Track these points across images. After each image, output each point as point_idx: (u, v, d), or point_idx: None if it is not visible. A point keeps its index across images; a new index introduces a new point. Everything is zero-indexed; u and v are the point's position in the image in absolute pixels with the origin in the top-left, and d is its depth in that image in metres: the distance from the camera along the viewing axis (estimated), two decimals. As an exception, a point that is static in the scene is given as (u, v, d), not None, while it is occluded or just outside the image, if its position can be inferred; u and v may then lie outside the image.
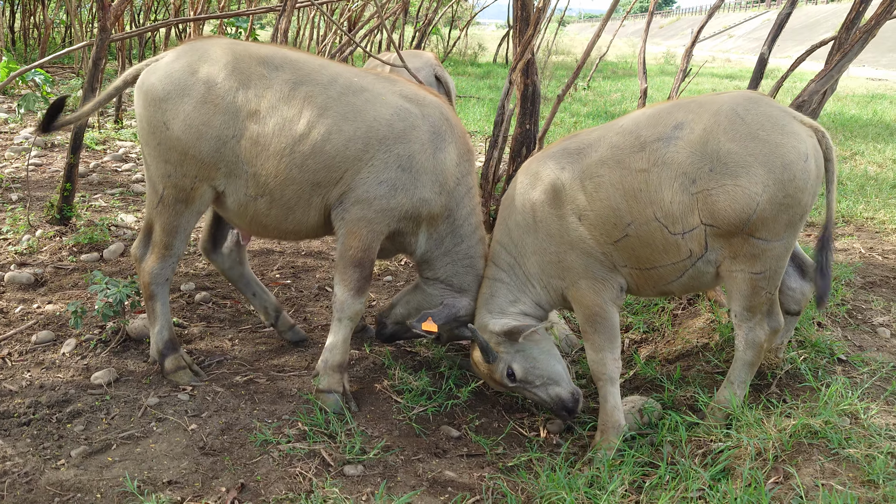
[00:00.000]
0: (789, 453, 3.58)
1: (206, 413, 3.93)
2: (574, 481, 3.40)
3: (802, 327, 4.80)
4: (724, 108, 3.77)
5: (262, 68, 3.99)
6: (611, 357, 4.00)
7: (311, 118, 3.92)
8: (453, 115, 4.24)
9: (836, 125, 13.69)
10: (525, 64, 5.01)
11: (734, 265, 3.80)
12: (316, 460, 3.58)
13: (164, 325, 4.28)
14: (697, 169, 3.71)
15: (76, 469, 3.41)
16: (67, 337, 4.62)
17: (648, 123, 3.91)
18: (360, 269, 4.04)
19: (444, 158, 4.12)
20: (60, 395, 3.99)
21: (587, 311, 4.00)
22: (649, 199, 3.76)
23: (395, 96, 4.09)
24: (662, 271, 3.94)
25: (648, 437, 4.06)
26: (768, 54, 5.38)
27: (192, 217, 4.13)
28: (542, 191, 4.01)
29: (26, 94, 10.08)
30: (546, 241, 4.03)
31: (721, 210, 3.68)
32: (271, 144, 3.93)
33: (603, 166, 3.85)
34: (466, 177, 4.26)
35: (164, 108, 3.93)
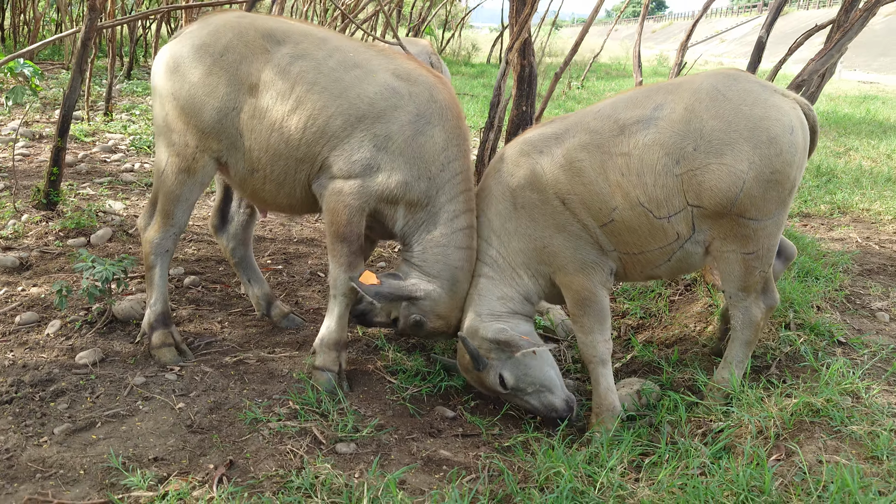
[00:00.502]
0: (791, 431, 3.51)
1: (194, 392, 3.83)
2: (572, 459, 3.31)
3: (802, 310, 4.74)
4: (704, 85, 3.71)
5: (265, 42, 3.99)
6: (601, 339, 3.92)
7: (300, 93, 3.89)
8: (446, 97, 4.07)
9: (829, 123, 13.70)
10: (522, 44, 4.94)
11: (725, 246, 3.71)
12: (307, 438, 3.49)
13: (158, 297, 4.22)
14: (681, 149, 3.61)
15: (59, 446, 3.30)
16: (52, 318, 4.51)
17: (627, 106, 3.83)
18: (347, 244, 3.93)
19: (424, 142, 3.93)
20: (44, 374, 3.88)
21: (576, 294, 3.90)
22: (632, 184, 3.68)
23: (386, 74, 3.98)
24: (650, 256, 3.87)
25: (647, 417, 3.98)
26: (766, 38, 5.32)
27: (195, 188, 4.12)
28: (522, 176, 3.91)
29: (15, 87, 9.87)
30: (530, 226, 3.92)
31: (707, 190, 3.59)
32: (265, 118, 3.93)
33: (583, 151, 3.77)
34: (453, 162, 4.02)
35: (173, 78, 4.02)
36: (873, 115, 14.87)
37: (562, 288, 3.98)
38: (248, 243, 4.80)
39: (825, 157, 10.10)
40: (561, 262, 3.89)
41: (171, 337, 4.20)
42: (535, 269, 4.00)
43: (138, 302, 4.67)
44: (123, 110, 12.16)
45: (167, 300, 4.28)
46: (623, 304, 5.65)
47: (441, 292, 3.99)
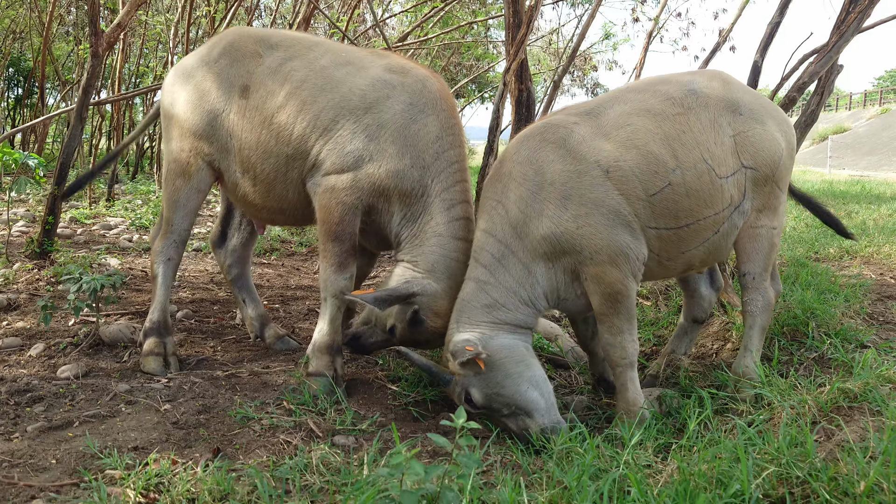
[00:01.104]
0: (828, 417, 3.23)
1: (182, 398, 3.56)
2: (592, 441, 3.01)
3: (825, 321, 4.53)
4: (718, 72, 4.01)
5: (259, 46, 4.05)
6: (630, 339, 3.59)
7: (290, 89, 3.88)
8: (441, 89, 4.00)
9: (826, 195, 13.80)
10: (518, 66, 4.98)
11: (759, 220, 3.82)
12: (302, 431, 3.19)
13: (157, 306, 4.13)
14: (730, 112, 3.76)
15: (31, 441, 3.02)
16: (36, 342, 4.28)
17: (661, 82, 3.89)
18: (339, 243, 3.78)
19: (418, 130, 3.81)
20: (22, 385, 3.62)
21: (608, 288, 3.49)
22: (695, 141, 3.63)
23: (378, 68, 3.96)
24: (700, 226, 3.67)
25: (671, 419, 3.68)
26: (761, 62, 5.38)
27: (192, 194, 4.09)
28: (552, 150, 3.57)
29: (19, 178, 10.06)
30: (559, 206, 3.48)
31: (760, 151, 3.76)
32: (255, 116, 3.92)
33: (632, 116, 3.63)
34: (448, 151, 3.89)
35: (174, 89, 4.15)
36: (868, 190, 15.00)
37: (590, 282, 3.52)
38: (245, 262, 4.68)
39: (827, 218, 10.07)
40: (594, 246, 3.45)
41: (161, 346, 4.00)
42: (557, 262, 3.54)
43: (126, 326, 4.46)
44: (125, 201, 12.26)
45: (166, 310, 4.15)
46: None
47: (437, 287, 3.72)
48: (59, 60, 16.23)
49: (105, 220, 10.37)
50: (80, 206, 10.95)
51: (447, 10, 10.78)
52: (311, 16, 8.77)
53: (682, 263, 3.85)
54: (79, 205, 11.20)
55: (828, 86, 5.08)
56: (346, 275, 3.81)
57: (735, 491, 2.44)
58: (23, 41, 16.71)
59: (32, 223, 9.60)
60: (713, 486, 2.53)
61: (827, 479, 2.51)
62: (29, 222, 9.61)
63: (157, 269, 4.13)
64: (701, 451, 2.87)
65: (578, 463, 2.74)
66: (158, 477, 2.60)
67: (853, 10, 4.43)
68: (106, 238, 8.72)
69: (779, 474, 2.60)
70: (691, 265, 3.93)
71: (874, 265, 7.02)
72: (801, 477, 2.57)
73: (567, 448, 2.97)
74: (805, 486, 2.54)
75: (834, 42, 4.51)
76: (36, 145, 14.80)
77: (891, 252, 7.35)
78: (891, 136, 39.50)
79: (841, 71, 5.21)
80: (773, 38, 5.35)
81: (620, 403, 3.64)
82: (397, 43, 10.15)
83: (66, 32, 16.25)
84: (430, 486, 1.94)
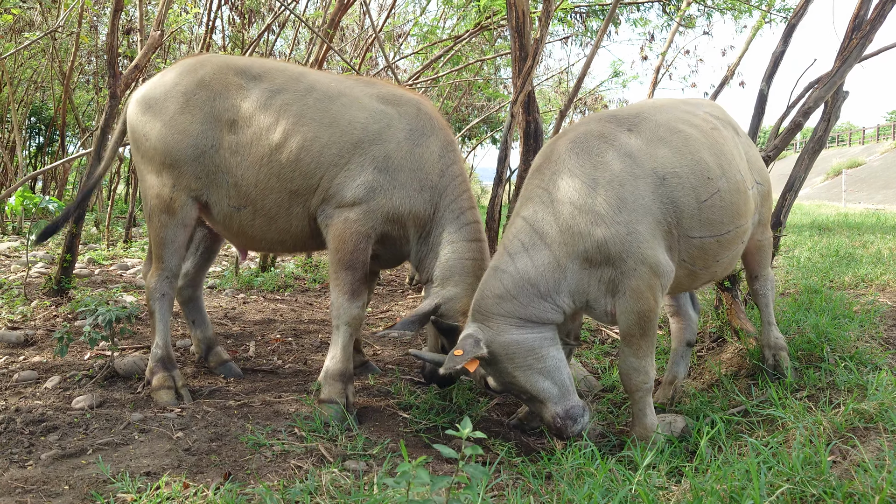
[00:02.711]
0: (843, 437, 3.19)
1: (195, 426, 3.57)
2: (604, 463, 2.99)
3: (839, 343, 4.49)
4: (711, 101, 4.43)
5: (240, 79, 4.01)
6: (652, 364, 3.55)
7: (288, 127, 3.89)
8: (432, 109, 4.17)
9: (841, 226, 13.73)
10: (526, 97, 5.06)
11: (764, 234, 4.31)
12: (313, 457, 3.20)
13: (158, 342, 4.11)
14: (735, 133, 4.10)
15: (44, 468, 3.04)
16: (52, 375, 4.32)
17: (677, 101, 4.11)
18: (352, 272, 3.84)
19: (422, 154, 3.96)
20: (37, 415, 3.65)
21: (643, 305, 3.36)
22: (731, 153, 3.81)
23: (371, 99, 4.04)
24: (734, 235, 3.78)
25: (684, 443, 3.65)
26: (767, 90, 5.44)
27: (179, 229, 4.03)
28: (612, 150, 3.47)
29: (39, 222, 10.24)
30: (615, 209, 3.33)
31: (761, 169, 4.17)
32: (250, 154, 3.90)
33: (680, 123, 3.72)
34: (451, 167, 4.06)
35: (144, 119, 4.01)
36: (884, 222, 14.91)
37: (629, 297, 3.36)
38: (198, 285, 4.73)
39: (842, 247, 10.01)
40: (638, 256, 3.32)
41: (170, 380, 4.02)
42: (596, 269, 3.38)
43: (141, 359, 4.50)
44: (143, 242, 12.41)
45: (168, 345, 4.15)
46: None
47: (456, 290, 3.85)
48: (79, 108, 16.61)
49: (122, 260, 10.49)
50: (98, 248, 11.10)
51: (456, 50, 10.97)
52: (324, 58, 8.96)
53: (710, 274, 3.87)
54: (97, 247, 11.36)
55: (834, 111, 5.12)
56: (358, 302, 3.85)
57: (748, 507, 2.41)
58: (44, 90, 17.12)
59: (51, 264, 9.73)
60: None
61: (842, 496, 2.48)
62: (48, 264, 9.74)
63: (154, 306, 4.11)
64: (714, 471, 2.85)
65: (590, 483, 2.72)
66: (170, 500, 2.61)
67: (855, 35, 4.49)
68: (123, 277, 8.81)
69: (793, 492, 2.57)
70: (715, 276, 3.99)
71: (890, 293, 6.94)
72: (816, 495, 2.54)
73: (579, 469, 2.95)
74: (819, 503, 2.51)
75: (837, 67, 4.56)
76: (56, 190, 15.09)
77: (906, 280, 7.28)
78: (905, 169, 39.30)
79: (846, 97, 5.25)
80: (777, 66, 5.42)
81: (637, 429, 3.60)
82: (408, 82, 10.33)
83: (86, 81, 16.66)
84: (437, 499, 1.94)
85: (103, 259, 10.28)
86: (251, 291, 7.68)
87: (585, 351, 5.45)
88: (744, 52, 9.84)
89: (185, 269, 4.65)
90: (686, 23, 11.87)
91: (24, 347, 5.07)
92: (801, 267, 8.35)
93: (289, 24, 12.32)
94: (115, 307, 4.15)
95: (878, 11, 4.39)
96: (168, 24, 8.81)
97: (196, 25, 11.94)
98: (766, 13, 9.47)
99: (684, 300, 4.56)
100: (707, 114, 4.00)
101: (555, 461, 3.18)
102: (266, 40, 11.78)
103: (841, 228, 13.50)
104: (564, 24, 10.78)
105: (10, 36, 12.22)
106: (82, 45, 12.24)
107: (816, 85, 4.72)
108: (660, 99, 4.28)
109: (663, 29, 12.85)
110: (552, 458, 3.28)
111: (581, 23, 11.00)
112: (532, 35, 5.05)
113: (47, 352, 4.92)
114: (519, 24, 5.09)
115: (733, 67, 9.69)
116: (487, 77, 14.41)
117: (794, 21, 5.30)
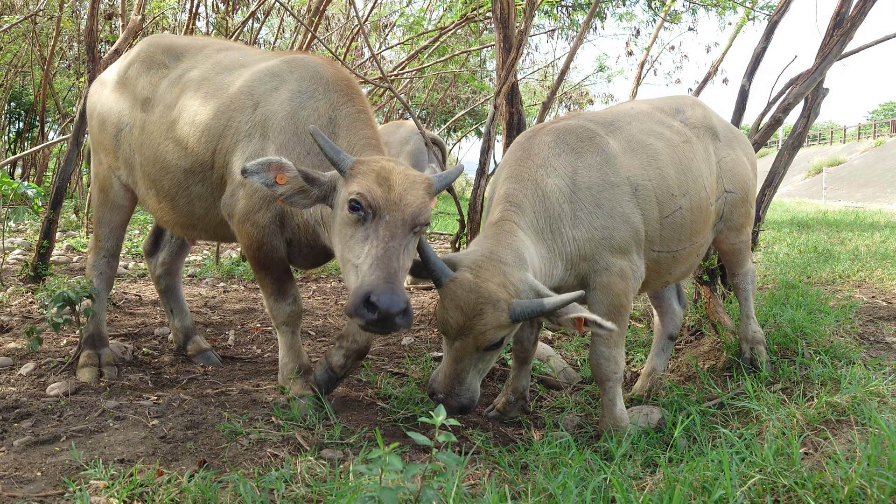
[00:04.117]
0: (815, 429, 3.23)
1: (170, 414, 3.55)
2: (580, 452, 3.01)
3: (814, 340, 4.54)
4: (695, 98, 4.30)
5: (165, 57, 3.91)
6: (622, 354, 3.62)
7: (185, 100, 3.70)
8: (332, 73, 3.63)
9: (820, 223, 13.87)
10: (509, 89, 5.06)
11: (739, 237, 4.26)
12: (290, 445, 3.18)
13: (93, 319, 4.13)
14: (712, 139, 4.04)
15: (17, 454, 3.01)
16: (27, 362, 4.28)
17: (657, 107, 4.04)
18: (267, 271, 3.57)
19: (307, 116, 3.46)
20: (11, 402, 3.61)
21: (615, 300, 3.46)
22: (698, 169, 3.79)
23: (266, 65, 3.69)
24: (689, 251, 3.83)
25: (659, 434, 3.68)
26: (749, 86, 5.47)
27: (113, 210, 4.06)
28: (591, 155, 3.48)
29: (17, 208, 10.11)
30: (591, 214, 3.40)
31: (736, 175, 4.09)
32: (153, 132, 3.77)
33: (650, 136, 3.71)
34: (348, 131, 3.47)
35: (93, 98, 4.09)
36: (862, 219, 15.09)
37: (599, 291, 3.46)
38: (175, 273, 4.69)
39: (820, 244, 10.12)
40: (612, 257, 3.43)
41: (95, 358, 4.05)
42: (574, 267, 3.45)
43: (118, 346, 4.46)
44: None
45: (99, 322, 4.19)
46: (627, 352, 5.41)
47: None
48: (59, 94, 16.40)
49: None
50: (77, 235, 10.98)
51: (442, 41, 10.94)
52: (308, 47, 8.91)
53: (661, 283, 4.01)
54: (76, 234, 11.23)
55: (814, 108, 5.16)
56: (286, 301, 3.63)
57: (719, 497, 2.43)
58: (24, 75, 16.88)
59: (29, 251, 9.61)
60: (698, 494, 2.53)
61: (812, 487, 2.51)
62: (25, 250, 9.61)
63: (93, 282, 4.11)
64: (687, 461, 2.87)
65: (564, 472, 2.74)
66: (143, 486, 2.59)
67: (836, 32, 4.53)
68: (102, 265, 8.73)
69: (764, 483, 2.60)
70: (667, 283, 4.12)
71: (866, 289, 7.04)
72: (787, 485, 2.57)
73: (555, 459, 2.97)
74: (791, 493, 2.54)
75: (818, 64, 4.60)
76: (35, 176, 14.89)
77: (882, 276, 7.38)
78: (885, 168, 39.78)
79: (826, 94, 5.30)
80: (759, 63, 5.45)
81: (607, 419, 3.63)
82: (392, 73, 10.29)
83: (66, 66, 16.44)
84: (411, 486, 1.94)
85: (82, 246, 10.17)
86: (232, 280, 7.64)
87: (565, 343, 5.48)
88: (727, 49, 9.90)
89: (162, 258, 4.62)
90: (671, 18, 11.92)
91: (-1, 334, 5.01)
92: (779, 262, 8.43)
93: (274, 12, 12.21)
94: (71, 288, 4.08)
95: (860, 9, 4.43)
96: (150, 8, 8.71)
97: (179, 12, 11.83)
98: (750, 10, 9.52)
99: (669, 294, 4.58)
100: (682, 123, 3.94)
101: (532, 451, 3.20)
102: (251, 28, 11.68)
103: (820, 225, 13.65)
104: (550, 17, 10.77)
105: (-11, 19, 12.03)
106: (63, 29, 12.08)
107: (797, 81, 4.75)
108: (639, 102, 4.13)
109: (649, 24, 12.90)
110: (529, 449, 3.31)
111: (567, 16, 11.00)
112: (517, 27, 5.05)
113: (22, 338, 4.85)
114: (504, 15, 5.08)
115: (717, 64, 9.74)
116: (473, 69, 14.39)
117: (776, 18, 5.34)
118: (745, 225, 4.22)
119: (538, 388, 4.69)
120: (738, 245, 4.26)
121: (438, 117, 18.46)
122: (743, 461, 2.77)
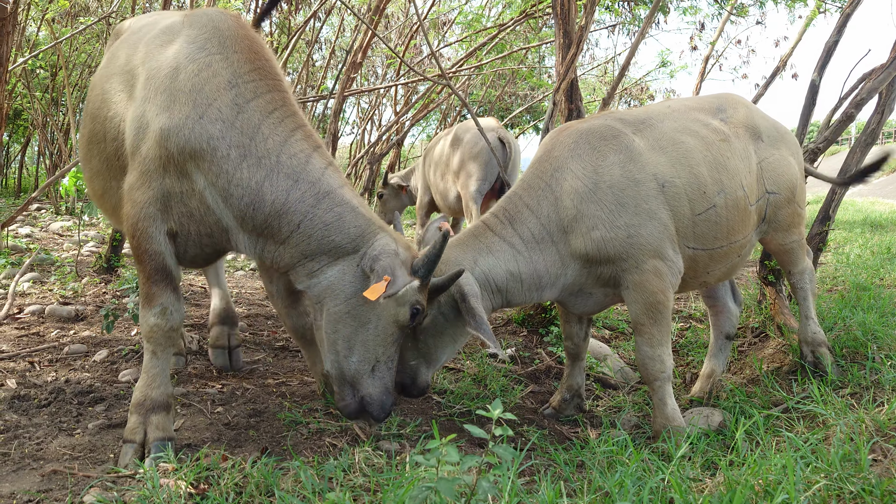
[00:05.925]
0: (885, 436, 3.12)
1: (234, 402, 3.67)
2: (637, 452, 2.98)
3: (886, 342, 4.39)
4: (739, 97, 4.18)
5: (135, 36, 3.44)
6: (668, 352, 3.58)
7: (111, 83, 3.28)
8: (233, 27, 3.08)
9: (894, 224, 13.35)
10: (569, 86, 5.03)
11: (789, 237, 4.20)
12: (348, 436, 3.25)
13: None
14: (754, 139, 3.95)
15: (91, 436, 3.16)
16: (100, 349, 4.47)
17: (695, 106, 3.99)
18: (140, 265, 3.00)
19: (196, 71, 2.89)
20: (85, 386, 3.78)
21: (651, 297, 3.45)
22: (736, 168, 3.73)
23: (171, 23, 3.21)
24: (728, 250, 3.78)
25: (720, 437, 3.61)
26: (819, 80, 5.30)
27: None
28: (613, 153, 3.48)
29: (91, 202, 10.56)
30: (613, 213, 3.41)
31: (780, 176, 3.99)
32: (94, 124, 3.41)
33: (683, 134, 3.68)
34: (256, 100, 2.92)
35: None
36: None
37: (633, 290, 3.46)
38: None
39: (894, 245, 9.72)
40: (642, 255, 3.42)
41: None
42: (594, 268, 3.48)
43: (188, 331, 4.62)
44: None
45: None
46: (686, 356, 5.32)
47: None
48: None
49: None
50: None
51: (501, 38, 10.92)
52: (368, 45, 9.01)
53: (700, 283, 3.95)
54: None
55: (888, 104, 4.97)
56: (153, 310, 2.96)
57: (782, 501, 2.37)
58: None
59: (102, 244, 10.01)
60: (760, 497, 2.48)
61: (881, 494, 2.44)
62: (98, 243, 10.01)
63: None
64: (750, 464, 2.81)
65: (621, 471, 2.72)
66: (209, 470, 2.68)
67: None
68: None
69: (830, 488, 2.53)
70: (708, 284, 4.05)
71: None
72: (854, 492, 2.49)
73: (611, 458, 2.95)
74: (858, 500, 2.47)
75: (893, 58, 4.43)
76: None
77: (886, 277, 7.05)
78: (965, 166, 37.87)
79: (902, 89, 5.09)
80: (830, 56, 5.28)
81: (659, 419, 3.59)
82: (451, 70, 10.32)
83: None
84: (467, 478, 1.96)
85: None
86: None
87: (623, 342, 5.42)
88: (797, 43, 9.60)
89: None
90: (738, 12, 11.61)
91: (74, 322, 5.24)
92: (850, 264, 8.15)
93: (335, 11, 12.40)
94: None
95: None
96: (217, 9, 8.93)
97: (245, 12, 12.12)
98: (821, 2, 9.20)
99: (724, 293, 4.50)
100: (722, 122, 3.89)
101: (588, 449, 3.18)
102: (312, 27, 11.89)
103: (894, 226, 13.10)
104: (611, 12, 10.63)
105: (66, 21, 12.55)
106: (135, 30, 12.52)
107: (870, 76, 4.58)
108: (677, 101, 4.09)
109: (714, 18, 12.61)
110: (585, 447, 3.29)
111: (629, 11, 10.83)
112: (577, 22, 5.01)
113: (96, 327, 5.07)
114: (564, 10, 5.05)
115: (786, 58, 9.45)
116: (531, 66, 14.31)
117: (849, 10, 5.15)
118: (793, 225, 4.14)
119: (595, 387, 4.67)
120: (788, 245, 4.19)
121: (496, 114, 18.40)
122: (808, 466, 2.70)
